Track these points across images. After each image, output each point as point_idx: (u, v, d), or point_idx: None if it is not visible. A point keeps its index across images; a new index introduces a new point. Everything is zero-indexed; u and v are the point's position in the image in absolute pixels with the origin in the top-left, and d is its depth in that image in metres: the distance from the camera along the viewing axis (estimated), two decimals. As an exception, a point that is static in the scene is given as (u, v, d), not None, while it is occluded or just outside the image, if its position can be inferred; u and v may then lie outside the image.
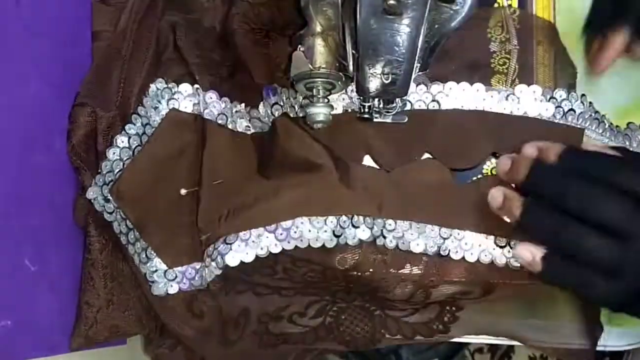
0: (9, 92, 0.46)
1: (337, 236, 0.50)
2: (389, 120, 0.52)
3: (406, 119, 0.52)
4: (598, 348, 0.56)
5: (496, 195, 0.44)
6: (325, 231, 0.49)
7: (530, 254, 0.42)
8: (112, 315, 0.55)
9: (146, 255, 0.53)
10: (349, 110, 0.52)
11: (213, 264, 0.50)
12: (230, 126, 0.54)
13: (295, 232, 0.49)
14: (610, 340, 0.56)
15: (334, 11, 0.44)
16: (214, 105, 0.54)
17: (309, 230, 0.49)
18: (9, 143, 0.46)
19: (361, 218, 0.50)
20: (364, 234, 0.50)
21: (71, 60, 0.54)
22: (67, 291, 0.53)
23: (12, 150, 0.46)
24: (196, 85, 0.54)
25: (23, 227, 0.47)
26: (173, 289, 0.53)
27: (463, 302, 0.54)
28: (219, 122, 0.54)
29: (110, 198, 0.53)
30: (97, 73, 0.54)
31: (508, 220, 0.44)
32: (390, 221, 0.50)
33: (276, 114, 0.52)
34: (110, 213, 0.53)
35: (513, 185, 0.45)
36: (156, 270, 0.53)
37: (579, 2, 0.55)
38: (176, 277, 0.53)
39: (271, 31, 0.55)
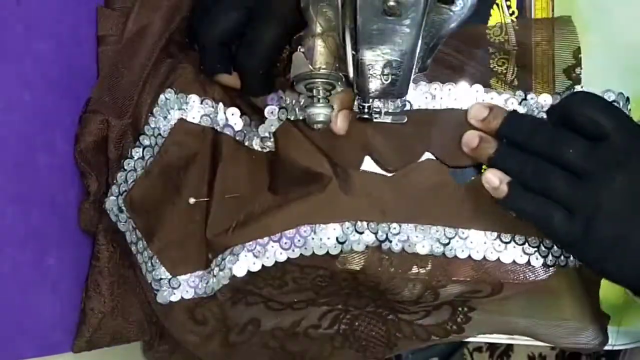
0: (10, 93, 0.46)
1: (341, 242, 0.50)
2: (388, 120, 0.52)
3: (406, 119, 0.52)
4: (606, 347, 0.57)
5: (472, 137, 0.49)
6: (329, 238, 0.50)
7: (497, 179, 0.46)
8: (116, 322, 0.55)
9: (152, 263, 0.53)
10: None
11: (221, 273, 0.51)
12: (246, 143, 0.54)
13: (299, 240, 0.50)
14: (619, 339, 0.57)
15: (334, 12, 0.44)
16: (235, 122, 0.54)
17: (312, 238, 0.50)
18: (9, 143, 0.46)
19: (365, 223, 0.50)
20: (368, 238, 0.50)
21: (72, 61, 0.54)
22: (68, 291, 0.54)
23: (12, 151, 0.46)
24: (206, 99, 0.54)
25: (24, 227, 0.48)
26: (176, 296, 0.53)
27: (475, 302, 0.55)
28: (237, 138, 0.54)
29: (124, 208, 0.53)
30: (108, 80, 0.54)
31: (481, 160, 0.49)
32: (394, 225, 0.50)
33: (273, 129, 0.52)
34: (124, 223, 0.54)
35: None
36: (161, 279, 0.53)
37: (579, 3, 0.55)
38: (180, 285, 0.53)
39: None
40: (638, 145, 0.43)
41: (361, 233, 0.50)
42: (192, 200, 0.54)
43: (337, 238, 0.50)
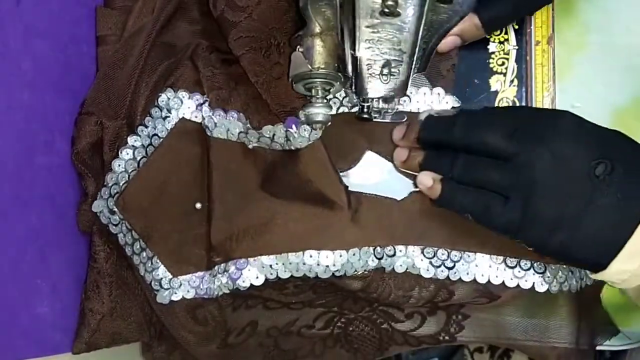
0: (10, 93, 0.46)
1: (346, 268, 0.50)
2: (387, 120, 0.52)
3: (405, 119, 0.52)
4: (603, 348, 0.57)
5: (400, 151, 0.51)
6: (334, 264, 0.50)
7: (430, 179, 0.47)
8: (115, 322, 0.55)
9: (151, 264, 0.53)
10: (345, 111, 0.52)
11: (224, 282, 0.51)
12: (240, 141, 0.53)
13: (304, 264, 0.50)
14: (613, 340, 0.57)
15: (333, 12, 0.44)
16: (229, 121, 0.52)
17: (317, 264, 0.50)
18: (9, 143, 0.46)
19: (370, 249, 0.50)
20: (373, 263, 0.50)
21: (72, 60, 0.54)
22: (68, 291, 0.54)
23: (12, 151, 0.46)
24: (206, 97, 0.53)
25: (24, 228, 0.48)
26: (177, 296, 0.53)
27: (469, 309, 0.54)
28: (230, 138, 0.53)
29: (116, 210, 0.53)
30: (103, 81, 0.54)
31: (414, 170, 0.50)
32: (401, 247, 0.50)
33: (298, 145, 0.50)
34: (116, 225, 0.53)
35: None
36: (161, 279, 0.53)
37: (579, 3, 0.55)
38: (181, 285, 0.53)
39: (277, 37, 0.53)
40: (557, 120, 0.43)
41: (367, 258, 0.50)
42: (198, 206, 0.53)
43: (342, 264, 0.50)
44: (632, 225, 0.41)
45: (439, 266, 0.50)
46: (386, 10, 0.36)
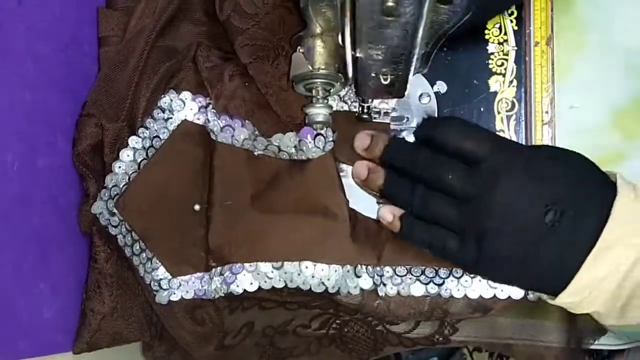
0: (11, 93, 0.46)
1: (340, 284, 0.50)
2: (388, 120, 0.52)
3: (405, 119, 0.52)
4: (601, 347, 0.57)
5: (361, 168, 0.50)
6: (329, 279, 0.50)
7: (390, 215, 0.48)
8: (116, 322, 0.55)
9: (151, 264, 0.53)
10: (340, 110, 0.52)
11: (219, 286, 0.51)
12: (245, 147, 0.53)
13: (299, 274, 0.50)
14: (607, 339, 0.57)
15: (333, 12, 0.44)
16: (235, 127, 0.52)
17: (312, 276, 0.50)
18: (11, 144, 0.46)
19: (364, 267, 0.51)
20: (365, 282, 0.51)
21: (74, 61, 0.54)
22: (68, 291, 0.54)
23: (13, 151, 0.46)
24: (209, 99, 0.53)
25: (25, 228, 0.48)
26: (176, 296, 0.53)
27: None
28: (234, 144, 0.52)
29: (116, 211, 0.53)
30: (104, 82, 0.54)
31: (374, 190, 0.50)
32: (387, 268, 0.51)
33: (310, 155, 0.50)
34: (115, 226, 0.53)
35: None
36: (161, 279, 0.53)
37: (579, 2, 0.55)
38: (180, 285, 0.53)
39: (284, 48, 0.53)
40: (512, 163, 0.45)
41: (359, 277, 0.51)
42: (196, 207, 0.53)
43: (336, 280, 0.50)
44: (578, 264, 0.43)
45: (428, 283, 0.51)
46: (386, 10, 0.37)
